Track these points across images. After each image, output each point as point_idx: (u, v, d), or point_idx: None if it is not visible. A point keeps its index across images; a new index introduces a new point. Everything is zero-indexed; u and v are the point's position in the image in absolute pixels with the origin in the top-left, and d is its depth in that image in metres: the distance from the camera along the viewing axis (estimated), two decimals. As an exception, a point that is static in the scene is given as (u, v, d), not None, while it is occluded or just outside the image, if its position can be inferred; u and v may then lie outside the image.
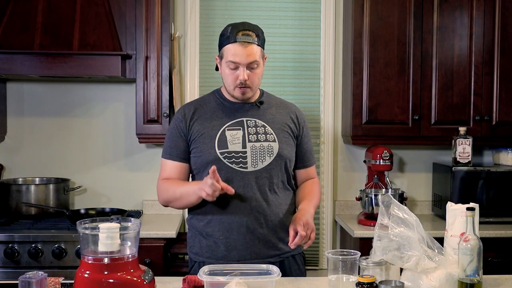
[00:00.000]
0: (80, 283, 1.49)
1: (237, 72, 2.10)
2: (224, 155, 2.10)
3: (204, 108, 2.21)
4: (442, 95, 3.23)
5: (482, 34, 3.22)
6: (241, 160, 2.10)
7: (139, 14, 3.10)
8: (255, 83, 2.14)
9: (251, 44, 2.08)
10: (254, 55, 2.09)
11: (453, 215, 1.86)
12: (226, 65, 2.12)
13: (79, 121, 3.43)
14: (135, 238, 1.56)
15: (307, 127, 2.31)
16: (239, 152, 2.10)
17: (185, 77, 3.43)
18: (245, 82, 2.10)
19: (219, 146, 2.11)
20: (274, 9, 3.49)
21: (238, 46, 2.07)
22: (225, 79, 2.16)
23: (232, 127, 2.15)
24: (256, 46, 2.10)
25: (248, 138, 2.13)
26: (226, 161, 2.10)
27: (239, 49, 2.07)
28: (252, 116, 2.18)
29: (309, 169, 2.30)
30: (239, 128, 2.14)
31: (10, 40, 2.92)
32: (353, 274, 1.77)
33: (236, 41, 2.07)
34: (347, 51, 3.37)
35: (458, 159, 3.15)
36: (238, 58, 2.07)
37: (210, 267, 1.74)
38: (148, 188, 3.43)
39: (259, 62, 2.12)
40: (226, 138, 2.12)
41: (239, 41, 2.07)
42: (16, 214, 3.13)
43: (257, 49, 2.11)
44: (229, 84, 2.14)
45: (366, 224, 3.08)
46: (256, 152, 2.12)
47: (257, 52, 2.11)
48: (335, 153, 3.53)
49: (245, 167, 2.10)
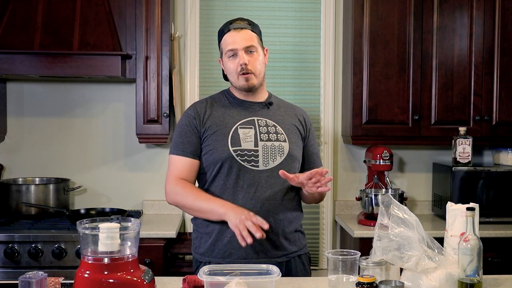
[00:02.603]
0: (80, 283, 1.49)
1: (237, 59, 2.13)
2: (237, 153, 2.10)
3: (216, 106, 2.21)
4: (442, 95, 3.23)
5: (482, 34, 3.22)
6: (253, 158, 2.10)
7: (139, 14, 3.10)
8: (257, 69, 2.15)
9: (245, 29, 2.15)
10: (249, 39, 2.14)
11: (453, 215, 1.86)
12: (226, 57, 2.16)
13: (79, 121, 3.43)
14: (135, 238, 1.55)
15: (313, 131, 2.33)
16: (251, 150, 2.11)
17: (185, 77, 3.44)
18: (246, 66, 2.12)
19: (232, 144, 2.11)
20: (274, 9, 3.49)
21: (232, 32, 2.14)
22: (229, 71, 2.18)
23: (244, 125, 2.16)
24: (250, 31, 2.16)
25: (260, 137, 2.14)
26: (239, 159, 2.10)
27: (233, 34, 2.14)
28: (262, 115, 2.20)
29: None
30: (251, 127, 2.15)
31: (10, 40, 2.92)
32: (353, 274, 1.77)
33: (230, 30, 2.15)
34: (347, 51, 3.37)
35: (458, 159, 3.15)
36: (235, 44, 2.13)
37: (210, 267, 1.73)
38: (148, 188, 3.43)
39: (257, 48, 2.16)
40: (239, 136, 2.12)
41: (232, 28, 2.15)
42: (16, 214, 3.13)
43: (252, 34, 2.16)
44: (232, 74, 2.17)
45: (366, 224, 3.09)
46: (267, 151, 2.12)
47: (253, 38, 2.16)
48: (335, 153, 3.53)
49: (257, 166, 2.11)
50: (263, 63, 2.19)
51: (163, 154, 3.42)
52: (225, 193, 2.12)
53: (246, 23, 2.17)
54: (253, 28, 2.18)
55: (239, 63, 2.12)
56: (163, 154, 3.42)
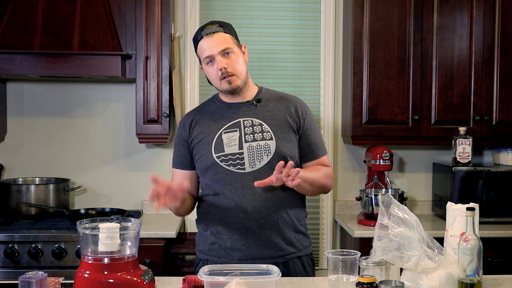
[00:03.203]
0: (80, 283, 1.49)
1: (215, 64, 2.11)
2: (220, 159, 2.10)
3: (203, 114, 2.22)
4: (442, 95, 3.23)
5: (482, 34, 3.22)
6: (238, 161, 2.09)
7: (139, 14, 3.10)
8: (237, 69, 2.12)
9: (217, 33, 2.11)
10: (223, 42, 2.10)
11: (453, 215, 1.86)
12: (205, 64, 2.14)
13: (79, 121, 3.43)
14: (135, 238, 1.56)
15: (311, 119, 2.23)
16: (236, 154, 2.10)
17: (185, 77, 3.44)
18: (226, 70, 2.09)
19: (215, 150, 2.11)
20: (274, 9, 3.49)
21: (206, 39, 2.11)
22: (210, 78, 2.17)
23: (229, 129, 2.14)
24: (223, 33, 2.12)
25: (245, 138, 2.12)
26: (223, 164, 2.10)
27: (207, 41, 2.11)
28: (248, 115, 2.16)
29: (319, 160, 2.21)
30: (236, 130, 2.13)
31: (10, 40, 2.92)
32: (353, 274, 1.77)
33: (202, 36, 2.12)
34: (347, 51, 3.37)
35: (458, 159, 3.15)
36: (210, 50, 2.10)
37: (210, 267, 1.74)
38: (148, 188, 3.36)
39: (232, 49, 2.12)
40: (222, 141, 2.12)
41: (205, 34, 2.11)
42: (16, 214, 3.13)
43: (225, 36, 2.12)
44: (215, 80, 2.15)
45: (366, 224, 3.09)
46: (252, 152, 2.10)
47: (227, 39, 2.11)
48: (335, 153, 3.53)
49: (243, 168, 2.09)
50: (243, 62, 2.16)
51: (163, 154, 3.42)
52: (217, 198, 2.13)
53: (217, 25, 2.13)
54: (225, 29, 2.14)
55: (218, 68, 2.09)
56: (163, 154, 3.42)
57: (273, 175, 1.95)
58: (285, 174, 1.91)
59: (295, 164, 2.08)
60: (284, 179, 1.93)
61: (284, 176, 1.92)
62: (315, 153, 2.21)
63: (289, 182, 1.93)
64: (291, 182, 1.93)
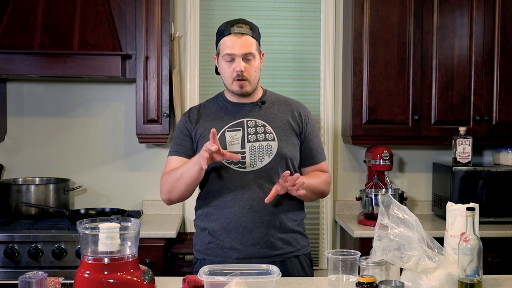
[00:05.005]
0: (80, 283, 1.49)
1: (234, 64, 2.11)
2: None
3: (208, 111, 2.23)
4: (442, 95, 3.23)
5: (482, 34, 3.22)
6: (239, 160, 2.09)
7: (139, 14, 3.10)
8: (252, 76, 2.14)
9: (246, 35, 2.12)
10: (249, 46, 2.11)
11: (453, 215, 1.86)
12: (223, 59, 2.14)
13: (79, 121, 3.43)
14: (135, 238, 1.56)
15: (313, 125, 2.27)
16: (238, 152, 2.10)
17: (185, 77, 3.44)
18: (242, 73, 2.10)
19: None
20: (274, 9, 3.49)
21: (233, 37, 2.11)
22: (223, 74, 2.17)
23: (232, 128, 2.16)
24: (250, 38, 2.13)
25: (248, 138, 2.13)
26: (225, 162, 2.11)
27: (233, 40, 2.11)
28: (252, 116, 2.18)
29: (319, 165, 2.26)
30: (239, 129, 2.15)
31: (10, 40, 2.92)
32: (353, 274, 1.77)
33: (230, 33, 2.11)
34: (347, 51, 3.37)
35: (458, 159, 3.15)
36: (234, 49, 2.10)
37: (210, 267, 1.74)
38: (148, 188, 3.43)
39: (255, 55, 2.14)
40: (225, 139, 2.13)
41: (233, 32, 2.11)
42: (16, 214, 3.13)
43: (252, 41, 2.13)
44: (227, 78, 2.16)
45: (366, 224, 3.09)
46: (254, 152, 2.12)
47: (252, 44, 2.13)
48: (335, 153, 3.53)
49: (244, 167, 2.11)
50: (259, 69, 2.18)
51: (163, 154, 3.42)
52: (216, 195, 2.14)
53: (248, 28, 2.13)
54: (254, 33, 2.15)
55: (235, 69, 2.11)
56: (163, 154, 3.42)
57: (278, 184, 2.02)
58: (291, 184, 1.97)
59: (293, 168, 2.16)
60: (289, 189, 2.00)
61: (290, 185, 1.98)
62: (315, 159, 2.25)
63: (294, 191, 2.00)
64: (296, 192, 1.99)
